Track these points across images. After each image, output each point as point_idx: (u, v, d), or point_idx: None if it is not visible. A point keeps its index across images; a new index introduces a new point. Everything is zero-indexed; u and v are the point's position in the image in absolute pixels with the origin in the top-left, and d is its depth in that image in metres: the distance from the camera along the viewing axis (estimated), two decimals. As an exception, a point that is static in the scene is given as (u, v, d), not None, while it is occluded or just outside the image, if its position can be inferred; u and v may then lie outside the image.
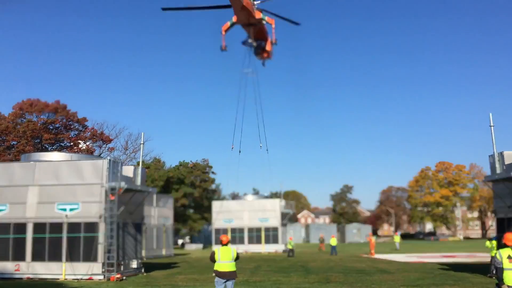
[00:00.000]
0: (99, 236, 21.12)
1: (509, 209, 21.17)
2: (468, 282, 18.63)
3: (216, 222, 49.81)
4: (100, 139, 58.87)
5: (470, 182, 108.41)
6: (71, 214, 21.61)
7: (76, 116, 58.81)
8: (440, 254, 42.04)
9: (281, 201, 50.56)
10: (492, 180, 22.08)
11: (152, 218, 42.24)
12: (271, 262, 32.29)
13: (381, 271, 24.19)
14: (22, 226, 21.97)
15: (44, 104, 56.82)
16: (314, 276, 22.04)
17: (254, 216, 48.94)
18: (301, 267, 27.53)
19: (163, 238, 44.46)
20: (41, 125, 56.04)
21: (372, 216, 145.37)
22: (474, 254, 40.58)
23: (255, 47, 29.33)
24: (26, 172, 22.57)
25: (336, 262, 31.99)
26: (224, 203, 50.78)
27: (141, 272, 24.23)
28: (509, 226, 20.87)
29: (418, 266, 27.81)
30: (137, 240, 24.75)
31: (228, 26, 27.87)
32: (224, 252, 11.78)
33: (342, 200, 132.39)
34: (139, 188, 24.05)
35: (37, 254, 21.63)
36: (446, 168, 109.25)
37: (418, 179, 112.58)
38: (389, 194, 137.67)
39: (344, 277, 21.09)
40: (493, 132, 21.91)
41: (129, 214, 23.72)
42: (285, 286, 17.98)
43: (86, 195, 21.64)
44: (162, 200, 45.91)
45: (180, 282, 20.38)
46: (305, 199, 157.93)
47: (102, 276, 20.87)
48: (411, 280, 19.76)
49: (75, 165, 22.40)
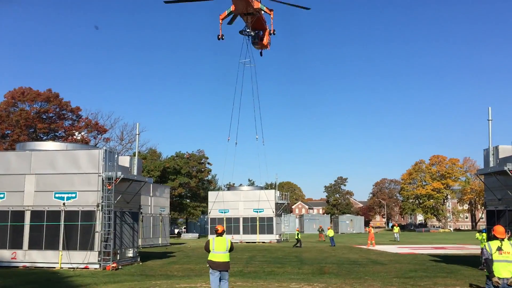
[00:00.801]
0: (96, 224, 21.28)
1: (499, 202, 21.55)
2: (460, 274, 18.98)
3: (212, 212, 50.09)
4: (95, 129, 58.76)
5: (462, 175, 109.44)
6: (69, 202, 21.76)
7: (69, 105, 58.58)
8: (431, 245, 42.63)
9: (276, 192, 50.85)
10: (484, 173, 22.41)
11: (149, 207, 42.44)
12: (265, 253, 32.61)
13: (374, 262, 24.55)
14: (20, 213, 22.11)
15: (36, 93, 56.47)
16: (308, 267, 22.35)
17: (249, 207, 49.24)
18: (295, 258, 27.85)
19: (159, 227, 44.71)
20: (34, 114, 55.79)
21: (364, 208, 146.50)
22: (464, 246, 41.21)
23: (253, 36, 29.32)
24: (22, 161, 22.64)
25: (330, 252, 32.37)
26: (219, 193, 50.97)
27: (137, 261, 24.45)
28: (498, 218, 21.25)
29: (410, 257, 28.22)
30: (133, 229, 24.93)
31: (225, 15, 27.79)
32: (218, 242, 11.80)
33: (336, 191, 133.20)
34: (135, 178, 24.19)
35: (34, 242, 21.79)
36: (440, 161, 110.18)
37: (412, 171, 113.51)
38: (382, 186, 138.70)
39: (338, 268, 21.41)
40: (491, 126, 22.18)
41: (126, 203, 23.89)
42: (280, 277, 18.25)
43: (83, 184, 21.77)
44: (159, 190, 46.10)
45: (176, 271, 20.60)
46: (299, 190, 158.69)
47: (98, 265, 21.05)
48: (403, 271, 20.11)
49: (71, 155, 22.49)
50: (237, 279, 16.99)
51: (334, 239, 41.01)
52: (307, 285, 15.57)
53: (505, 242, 9.34)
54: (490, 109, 22.31)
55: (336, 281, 16.78)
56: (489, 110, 22.34)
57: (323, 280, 17.05)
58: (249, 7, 26.70)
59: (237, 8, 27.01)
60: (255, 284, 15.85)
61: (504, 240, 9.40)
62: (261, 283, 16.13)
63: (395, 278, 17.80)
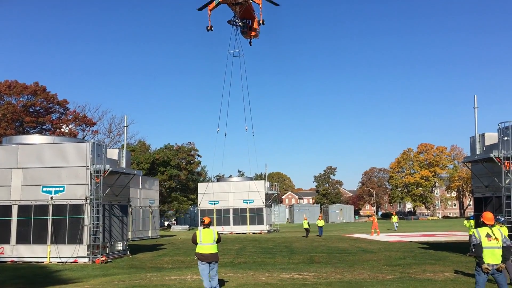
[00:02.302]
0: (84, 218, 21.12)
1: (486, 189, 21.80)
2: (448, 261, 19.22)
3: (202, 204, 50.05)
4: (83, 122, 58.15)
5: (450, 163, 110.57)
6: (56, 196, 21.53)
7: (56, 98, 57.78)
8: (420, 233, 43.10)
9: (266, 183, 50.95)
10: (471, 160, 22.63)
11: (138, 200, 42.23)
12: (256, 243, 32.72)
13: (364, 251, 24.76)
14: (7, 208, 21.84)
15: (22, 86, 55.57)
16: (298, 256, 22.47)
17: (239, 198, 49.29)
18: (285, 248, 27.98)
19: (149, 220, 44.57)
20: (21, 107, 54.98)
21: (354, 197, 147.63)
22: (452, 233, 41.73)
23: (242, 26, 29.09)
24: (9, 155, 22.32)
25: (320, 242, 32.59)
26: (209, 185, 50.89)
27: (126, 254, 24.35)
28: (486, 205, 21.52)
29: (399, 245, 28.52)
30: (123, 222, 24.80)
31: (213, 6, 27.46)
32: (205, 234, 11.77)
33: (326, 181, 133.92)
34: (124, 171, 24.02)
35: (21, 236, 21.56)
36: (427, 149, 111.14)
37: (400, 160, 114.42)
38: (371, 175, 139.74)
39: (328, 257, 21.55)
40: (477, 113, 22.38)
41: (115, 196, 23.73)
42: (270, 267, 18.31)
43: (71, 177, 21.54)
44: (148, 182, 45.86)
45: (166, 264, 20.58)
46: (289, 181, 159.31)
47: (87, 259, 20.92)
48: (393, 259, 20.31)
49: (59, 148, 22.21)
50: (228, 270, 17.01)
51: (323, 229, 41.14)
52: (297, 275, 15.65)
53: (494, 228, 9.41)
54: (476, 97, 22.53)
55: (326, 270, 16.88)
56: (475, 98, 22.55)
57: (313, 269, 17.15)
58: None
59: None
60: (246, 274, 15.88)
61: (494, 226, 9.48)
62: (252, 273, 16.16)
63: (384, 266, 17.96)
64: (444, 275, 15.11)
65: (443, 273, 15.60)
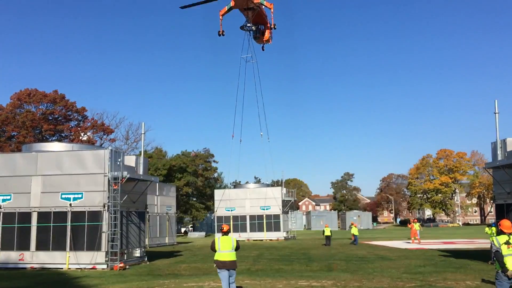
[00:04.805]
0: (102, 225, 21.28)
1: (508, 196, 21.30)
2: (469, 269, 18.79)
3: (218, 211, 50.02)
4: (100, 130, 58.93)
5: (470, 169, 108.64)
6: (75, 203, 21.77)
7: (75, 106, 58.73)
8: (440, 240, 42.34)
9: (283, 189, 50.71)
10: (493, 166, 22.17)
11: (155, 206, 42.45)
12: (273, 250, 32.53)
13: (382, 258, 24.40)
14: (27, 215, 22.15)
15: (42, 94, 56.67)
16: (316, 263, 22.24)
17: (255, 204, 49.12)
18: (303, 255, 27.74)
19: (166, 227, 44.74)
20: (40, 115, 56.01)
21: (372, 203, 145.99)
22: (473, 240, 40.88)
23: (254, 31, 29.21)
24: (29, 162, 22.66)
25: (338, 249, 32.23)
26: (226, 191, 50.87)
27: (144, 261, 24.44)
28: (508, 212, 21.01)
29: (419, 253, 28.02)
30: (140, 229, 24.92)
31: (225, 11, 27.66)
32: (224, 241, 11.74)
33: (343, 187, 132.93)
34: (141, 177, 24.16)
35: (41, 243, 21.83)
36: (447, 155, 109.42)
37: (419, 166, 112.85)
38: (389, 182, 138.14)
39: (346, 265, 21.28)
40: (498, 119, 21.97)
41: (132, 203, 23.88)
42: (288, 274, 18.14)
43: (89, 184, 21.76)
44: (165, 189, 46.08)
45: (183, 271, 20.56)
46: (306, 187, 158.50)
47: (106, 265, 21.04)
48: (412, 267, 19.94)
49: (77, 155, 22.48)
50: (245, 277, 16.91)
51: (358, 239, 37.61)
52: (316, 282, 15.46)
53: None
54: (497, 102, 22.14)
55: (345, 277, 16.65)
56: (496, 103, 22.16)
57: (331, 277, 16.93)
58: (249, 2, 26.58)
59: (237, 3, 26.88)
60: (263, 282, 15.76)
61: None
62: (269, 281, 16.04)
63: (404, 273, 17.64)
64: (465, 283, 14.77)
65: (465, 281, 15.24)
